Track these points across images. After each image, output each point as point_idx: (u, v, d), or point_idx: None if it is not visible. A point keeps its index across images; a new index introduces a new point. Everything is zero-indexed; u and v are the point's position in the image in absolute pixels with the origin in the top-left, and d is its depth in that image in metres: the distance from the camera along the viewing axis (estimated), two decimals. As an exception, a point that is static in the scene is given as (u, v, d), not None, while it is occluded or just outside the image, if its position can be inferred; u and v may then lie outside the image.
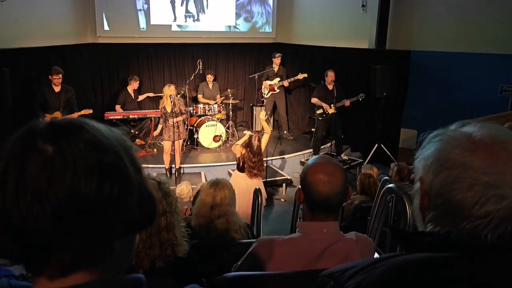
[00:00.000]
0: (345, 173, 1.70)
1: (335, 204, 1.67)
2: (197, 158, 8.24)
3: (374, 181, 4.92)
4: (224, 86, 10.32)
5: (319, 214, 1.69)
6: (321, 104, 8.34)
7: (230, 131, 9.32)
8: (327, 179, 1.63)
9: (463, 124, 0.96)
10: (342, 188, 1.65)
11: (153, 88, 9.78)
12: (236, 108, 10.51)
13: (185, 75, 9.99)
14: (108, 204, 0.69)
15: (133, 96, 8.99)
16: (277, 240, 1.73)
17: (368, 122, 8.95)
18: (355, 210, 4.60)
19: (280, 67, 9.54)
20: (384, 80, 8.30)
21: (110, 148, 0.72)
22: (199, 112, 8.90)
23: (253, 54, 10.74)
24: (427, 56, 8.40)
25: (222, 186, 2.77)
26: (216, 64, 10.42)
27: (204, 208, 2.70)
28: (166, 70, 9.98)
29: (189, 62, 10.08)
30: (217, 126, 8.60)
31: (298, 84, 10.06)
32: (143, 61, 9.75)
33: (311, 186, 1.65)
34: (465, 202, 0.86)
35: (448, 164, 0.89)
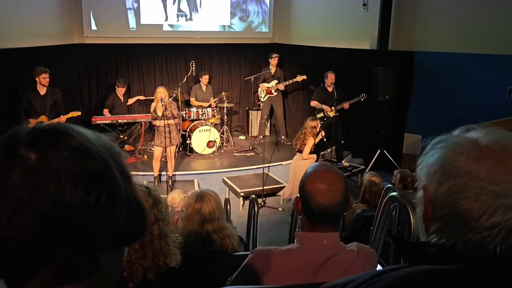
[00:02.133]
0: (346, 182, 1.70)
1: (335, 215, 1.67)
2: (190, 165, 8.23)
3: (378, 190, 4.93)
4: (219, 89, 10.33)
5: (318, 225, 1.69)
6: (321, 106, 8.36)
7: (225, 136, 9.32)
8: (326, 189, 1.63)
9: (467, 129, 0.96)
10: (343, 198, 1.65)
11: (143, 91, 9.77)
12: (231, 112, 10.51)
13: (177, 77, 10.00)
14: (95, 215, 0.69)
15: (122, 99, 8.98)
16: (274, 251, 1.73)
17: (370, 126, 8.97)
18: (357, 220, 4.60)
19: (277, 68, 9.56)
20: (387, 82, 8.33)
21: (97, 155, 0.71)
22: (192, 117, 8.90)
23: (249, 55, 10.76)
24: (432, 57, 8.43)
25: (207, 199, 2.72)
26: (210, 65, 10.44)
27: (193, 225, 2.67)
28: (157, 72, 9.98)
29: (181, 63, 10.09)
30: (211, 131, 8.60)
31: (297, 87, 10.08)
32: (133, 63, 9.75)
33: (310, 196, 1.64)
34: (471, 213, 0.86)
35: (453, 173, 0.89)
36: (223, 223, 2.73)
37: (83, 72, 9.26)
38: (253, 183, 7.54)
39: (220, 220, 2.70)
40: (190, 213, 2.69)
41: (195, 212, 2.67)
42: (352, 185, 7.76)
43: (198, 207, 2.67)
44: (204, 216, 2.65)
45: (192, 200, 2.73)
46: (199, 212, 2.66)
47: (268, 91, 9.48)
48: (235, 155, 8.85)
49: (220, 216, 2.71)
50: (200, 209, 2.66)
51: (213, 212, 2.67)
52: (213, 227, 2.66)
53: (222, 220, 2.72)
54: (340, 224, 3.86)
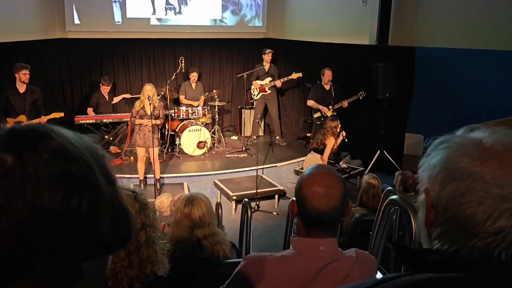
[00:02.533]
0: (345, 185, 1.69)
1: (332, 220, 1.67)
2: (179, 167, 8.22)
3: (376, 192, 4.94)
4: (209, 86, 10.33)
5: (314, 230, 1.69)
6: (318, 107, 8.38)
7: (216, 136, 9.32)
8: (323, 192, 1.63)
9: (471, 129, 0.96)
10: (340, 203, 1.65)
11: (129, 89, 9.75)
12: (223, 111, 10.51)
13: (166, 74, 9.98)
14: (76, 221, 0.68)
15: (107, 98, 8.95)
16: (268, 257, 1.73)
17: (369, 126, 9.00)
18: (355, 224, 4.61)
19: (271, 65, 9.57)
20: (387, 79, 8.36)
21: (78, 158, 0.71)
22: (182, 116, 8.88)
23: (242, 50, 10.77)
24: (434, 53, 8.47)
25: (198, 203, 2.71)
26: (200, 62, 10.43)
27: (182, 231, 2.66)
28: (144, 69, 9.96)
29: (170, 59, 10.07)
30: (201, 131, 8.59)
31: (292, 85, 10.10)
32: (118, 59, 9.72)
33: (306, 200, 1.64)
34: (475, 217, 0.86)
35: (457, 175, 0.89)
36: (214, 229, 2.72)
37: (65, 69, 9.22)
38: (246, 186, 7.54)
39: (211, 225, 2.69)
40: (179, 218, 2.68)
41: (185, 217, 2.66)
42: (351, 187, 7.78)
43: (188, 211, 2.67)
44: (194, 221, 2.65)
45: (181, 204, 2.72)
46: (189, 217, 2.65)
47: (262, 89, 9.49)
48: (227, 156, 8.85)
49: (211, 221, 2.70)
50: (189, 214, 2.66)
51: (204, 217, 2.66)
52: (203, 233, 2.65)
53: (213, 225, 2.72)
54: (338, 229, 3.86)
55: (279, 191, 7.57)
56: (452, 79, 8.34)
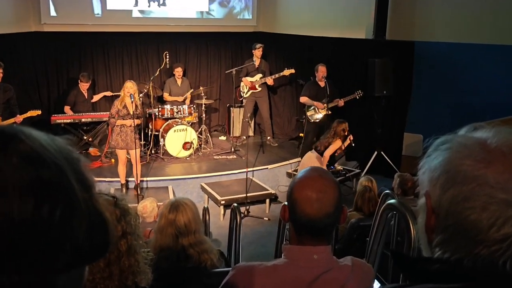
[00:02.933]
0: (339, 189, 1.69)
1: (325, 227, 1.66)
2: (163, 170, 8.20)
3: (372, 196, 4.96)
4: (196, 83, 10.31)
5: (307, 238, 1.68)
6: (312, 103, 8.39)
7: (203, 137, 9.30)
8: (315, 197, 1.62)
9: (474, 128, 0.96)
10: (334, 208, 1.64)
11: (110, 86, 9.71)
12: (210, 110, 10.49)
13: (149, 70, 9.95)
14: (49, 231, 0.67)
15: (86, 95, 8.91)
16: (258, 267, 1.72)
17: (366, 125, 9.02)
18: (351, 230, 4.62)
19: (262, 61, 9.57)
20: (384, 76, 8.40)
21: (50, 162, 0.70)
22: (166, 115, 8.85)
23: (230, 45, 10.76)
24: (435, 48, 8.51)
25: (183, 209, 2.70)
26: (186, 57, 10.41)
27: (166, 239, 2.66)
28: (126, 65, 9.92)
29: (153, 54, 10.04)
30: (187, 131, 8.57)
31: (284, 82, 10.11)
32: (98, 54, 9.68)
33: (297, 205, 1.64)
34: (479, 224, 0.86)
35: (459, 178, 0.88)
36: (201, 237, 2.72)
37: (40, 64, 9.16)
38: (235, 189, 7.54)
39: (197, 233, 2.69)
40: (163, 225, 2.67)
41: (169, 224, 2.65)
42: (346, 191, 7.80)
43: (172, 218, 2.66)
44: (179, 229, 2.64)
45: (166, 210, 2.72)
46: (173, 224, 2.65)
47: (252, 86, 9.49)
48: (214, 158, 8.84)
49: (197, 228, 2.70)
50: (174, 221, 2.65)
51: (189, 224, 2.65)
52: (189, 241, 2.64)
53: (199, 233, 2.71)
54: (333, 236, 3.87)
55: (270, 195, 7.57)
56: (454, 75, 8.37)
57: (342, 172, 8.28)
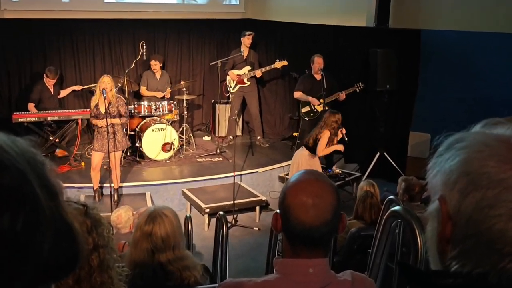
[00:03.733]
0: (338, 194, 1.68)
1: (322, 236, 1.66)
2: (140, 174, 8.17)
3: (375, 202, 4.98)
4: (176, 77, 10.29)
5: (301, 249, 1.68)
6: (306, 98, 8.40)
7: (185, 137, 9.29)
8: (311, 203, 1.62)
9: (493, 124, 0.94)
10: (332, 215, 1.64)
11: (79, 79, 9.66)
12: (193, 106, 10.48)
13: (124, 63, 9.92)
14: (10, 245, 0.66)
15: (53, 91, 8.86)
16: (247, 284, 1.72)
17: (367, 123, 9.06)
18: (351, 241, 4.63)
19: (250, 51, 9.57)
20: (388, 68, 8.43)
21: (11, 167, 0.69)
22: (143, 112, 8.83)
23: (215, 34, 10.76)
24: (443, 37, 8.55)
25: (161, 220, 2.66)
26: (166, 47, 10.39)
27: (140, 254, 2.63)
28: (97, 56, 9.88)
29: (128, 45, 10.01)
30: (167, 131, 8.56)
31: (275, 75, 10.12)
32: (65, 44, 9.62)
33: (290, 212, 1.64)
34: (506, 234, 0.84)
35: (483, 182, 0.86)
36: (181, 252, 2.69)
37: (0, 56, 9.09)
38: (221, 196, 7.54)
39: (176, 248, 2.66)
40: (138, 237, 2.65)
41: (144, 237, 2.62)
42: (346, 197, 7.82)
43: (148, 230, 2.63)
44: (155, 244, 2.61)
45: (142, 220, 2.69)
46: (149, 237, 2.61)
47: (239, 80, 9.48)
48: (198, 161, 8.83)
49: (177, 243, 2.67)
50: (150, 234, 2.62)
51: (167, 238, 2.62)
52: (166, 257, 2.62)
53: (179, 248, 2.69)
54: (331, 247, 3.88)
55: (260, 202, 7.58)
56: (465, 67, 8.41)
57: (341, 175, 8.31)
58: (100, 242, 2.02)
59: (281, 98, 10.44)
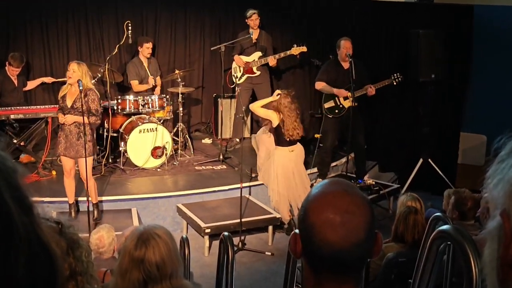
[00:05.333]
0: (372, 209, 1.67)
1: (354, 261, 1.66)
2: (124, 186, 8.18)
3: (418, 220, 4.96)
4: (169, 64, 10.30)
5: (328, 278, 1.68)
6: (331, 90, 8.37)
7: (180, 139, 9.28)
8: (339, 220, 1.61)
9: None
10: (366, 235, 1.64)
11: (49, 69, 9.68)
12: (190, 101, 10.49)
13: (104, 48, 9.94)
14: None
15: (17, 83, 8.88)
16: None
17: (407, 123, 9.04)
18: (388, 268, 4.62)
19: (262, 33, 9.53)
20: (432, 53, 8.40)
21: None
22: (128, 108, 8.82)
23: (217, 12, 10.74)
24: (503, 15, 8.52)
25: (155, 243, 2.65)
26: (156, 28, 10.38)
27: (130, 285, 2.61)
28: (71, 40, 9.88)
29: (110, 26, 10.02)
30: (158, 132, 8.55)
31: (293, 63, 10.12)
32: (33, 25, 9.65)
33: (314, 231, 1.63)
34: None
35: None
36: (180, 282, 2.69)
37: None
38: (226, 213, 7.53)
39: (174, 277, 2.65)
40: (126, 265, 2.63)
41: (134, 265, 2.60)
42: (381, 214, 7.81)
43: (140, 256, 2.60)
44: (148, 272, 2.59)
45: (131, 243, 2.67)
46: (141, 264, 2.59)
47: (248, 69, 9.46)
48: (196, 169, 8.83)
49: (174, 270, 2.66)
50: (142, 260, 2.59)
51: (163, 265, 2.61)
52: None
53: (177, 276, 2.68)
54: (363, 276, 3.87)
55: (274, 220, 7.57)
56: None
57: (375, 187, 8.29)
58: (78, 268, 2.03)
59: (299, 90, 10.41)
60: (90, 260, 2.13)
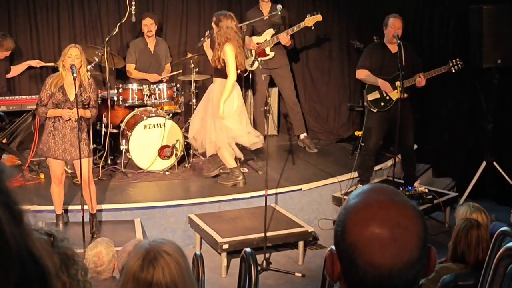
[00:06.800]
0: (425, 221, 1.66)
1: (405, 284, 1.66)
2: (126, 192, 8.22)
3: (482, 236, 4.94)
4: (180, 47, 10.33)
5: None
6: (375, 81, 8.33)
7: (193, 137, 9.31)
8: (389, 237, 1.60)
9: None
10: (420, 252, 1.62)
11: (38, 52, 9.75)
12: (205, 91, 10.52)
13: (102, 27, 10.01)
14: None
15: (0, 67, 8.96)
16: None
17: (467, 118, 9.00)
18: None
19: (273, 6, 9.44)
20: (499, 34, 8.36)
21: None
22: (131, 100, 8.85)
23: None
24: None
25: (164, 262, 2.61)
26: (164, 4, 10.42)
27: None
28: (63, 18, 9.93)
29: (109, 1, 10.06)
30: (166, 128, 8.58)
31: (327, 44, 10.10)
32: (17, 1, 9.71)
33: (358, 253, 1.62)
34: None
35: None
36: None
37: None
38: (247, 225, 7.54)
39: None
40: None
41: None
42: (435, 228, 7.79)
43: (147, 278, 2.58)
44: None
45: (135, 263, 2.65)
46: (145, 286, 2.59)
47: (260, 51, 9.42)
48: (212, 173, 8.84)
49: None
50: (151, 284, 2.59)
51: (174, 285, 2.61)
52: None
53: None
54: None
55: (305, 235, 7.56)
56: None
57: (427, 195, 8.25)
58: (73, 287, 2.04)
59: (336, 79, 10.43)
60: (87, 280, 2.14)
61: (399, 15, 8.25)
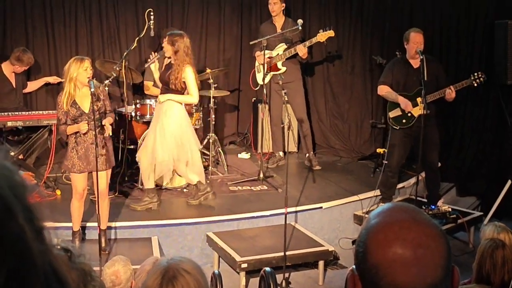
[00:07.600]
0: (448, 241, 1.65)
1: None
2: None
3: (509, 256, 4.91)
4: (199, 62, 10.32)
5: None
6: (396, 98, 8.31)
7: (212, 153, 9.29)
8: (412, 257, 1.59)
9: None
10: (444, 273, 1.62)
11: (55, 67, 9.77)
12: (224, 108, 10.54)
13: (121, 41, 10.05)
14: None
15: (15, 83, 8.96)
16: None
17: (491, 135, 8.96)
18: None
19: (288, 21, 9.47)
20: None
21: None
22: (149, 115, 8.84)
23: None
24: None
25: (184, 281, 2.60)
26: (184, 18, 10.44)
27: None
28: (81, 31, 9.98)
29: (128, 14, 10.11)
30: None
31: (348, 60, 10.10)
32: (34, 13, 9.75)
33: (381, 274, 1.61)
34: None
35: None
36: None
37: None
38: (266, 244, 7.52)
39: None
40: None
41: None
42: (459, 248, 7.74)
43: None
44: None
45: (154, 282, 2.66)
46: None
47: (272, 65, 9.45)
48: (230, 189, 8.85)
49: None
50: None
51: None
52: None
53: None
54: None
55: (326, 254, 7.53)
56: None
57: (451, 215, 8.20)
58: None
59: (358, 95, 10.41)
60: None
61: (420, 29, 8.23)
